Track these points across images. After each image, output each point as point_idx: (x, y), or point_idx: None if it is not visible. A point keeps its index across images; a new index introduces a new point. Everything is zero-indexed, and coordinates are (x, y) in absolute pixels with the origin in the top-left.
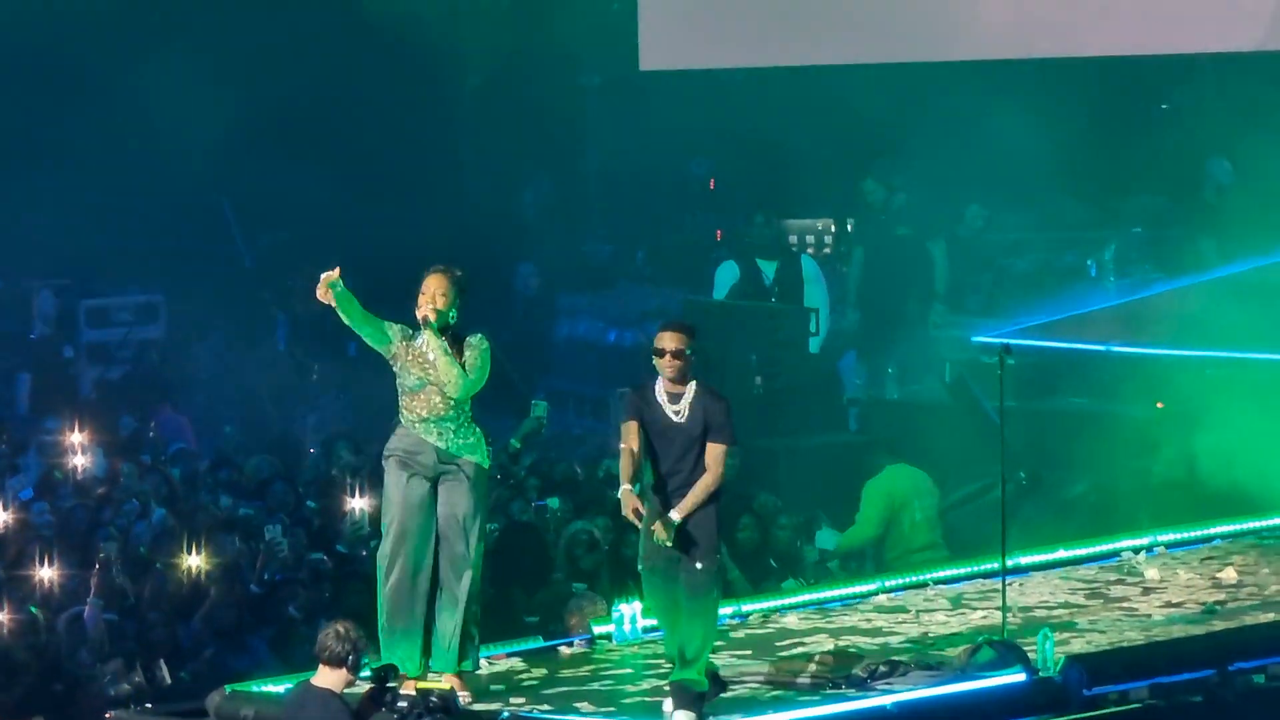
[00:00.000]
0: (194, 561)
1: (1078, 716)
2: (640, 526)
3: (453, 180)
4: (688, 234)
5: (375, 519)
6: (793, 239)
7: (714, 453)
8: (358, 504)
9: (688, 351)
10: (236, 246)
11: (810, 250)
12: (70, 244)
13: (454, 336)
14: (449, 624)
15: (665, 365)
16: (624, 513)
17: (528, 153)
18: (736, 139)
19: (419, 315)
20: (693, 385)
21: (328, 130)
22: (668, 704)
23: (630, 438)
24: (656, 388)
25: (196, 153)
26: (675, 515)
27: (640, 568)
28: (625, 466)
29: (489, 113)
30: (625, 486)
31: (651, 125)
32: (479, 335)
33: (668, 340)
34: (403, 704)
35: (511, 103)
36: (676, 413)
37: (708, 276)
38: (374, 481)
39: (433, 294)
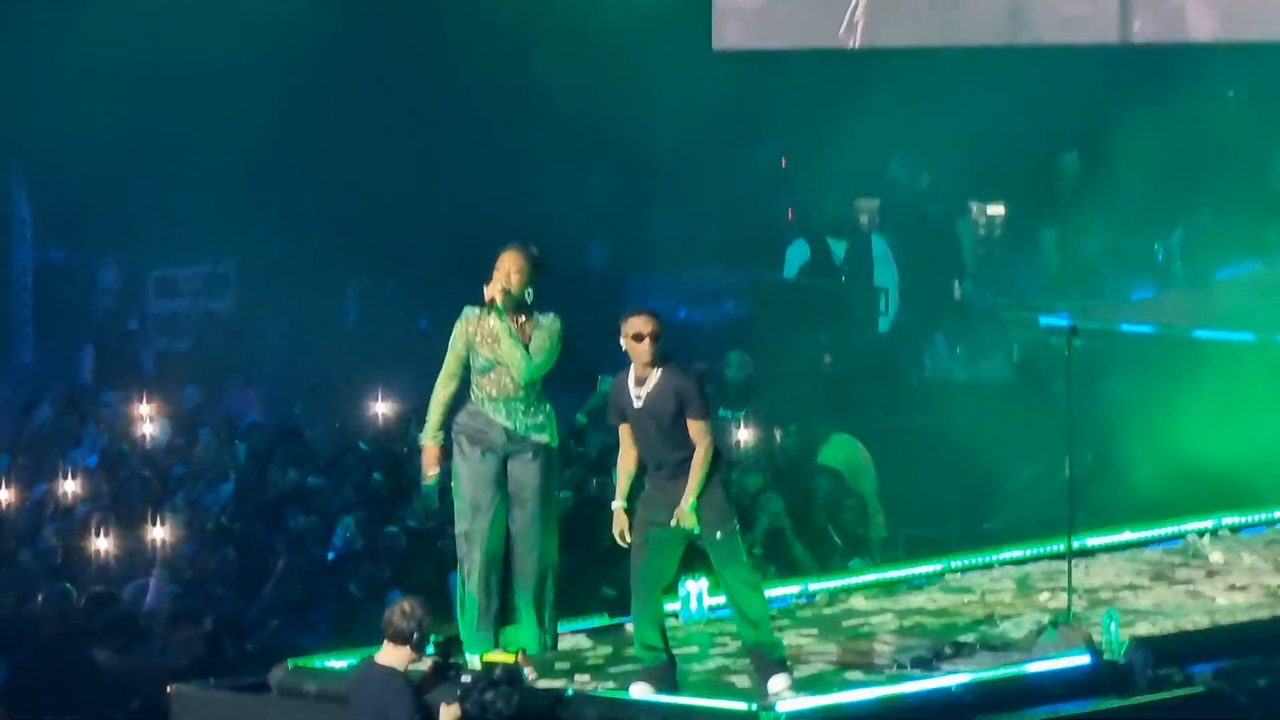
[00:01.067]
0: (260, 535)
1: (1142, 699)
2: (628, 542)
3: (525, 158)
4: (758, 213)
5: (446, 495)
6: (863, 218)
7: (695, 429)
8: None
9: (659, 334)
10: (308, 216)
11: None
12: (139, 213)
13: (528, 315)
14: (523, 602)
15: (642, 350)
16: (614, 531)
17: (600, 131)
18: (808, 119)
19: (487, 294)
20: (660, 369)
21: (399, 104)
22: (776, 683)
23: (624, 442)
24: (628, 376)
25: (269, 120)
26: (687, 504)
27: (637, 538)
28: (620, 475)
29: (561, 91)
30: (617, 504)
31: (723, 104)
32: (552, 315)
33: (641, 324)
34: (466, 678)
35: (583, 80)
36: (639, 397)
37: (778, 256)
38: (446, 457)
39: (506, 272)
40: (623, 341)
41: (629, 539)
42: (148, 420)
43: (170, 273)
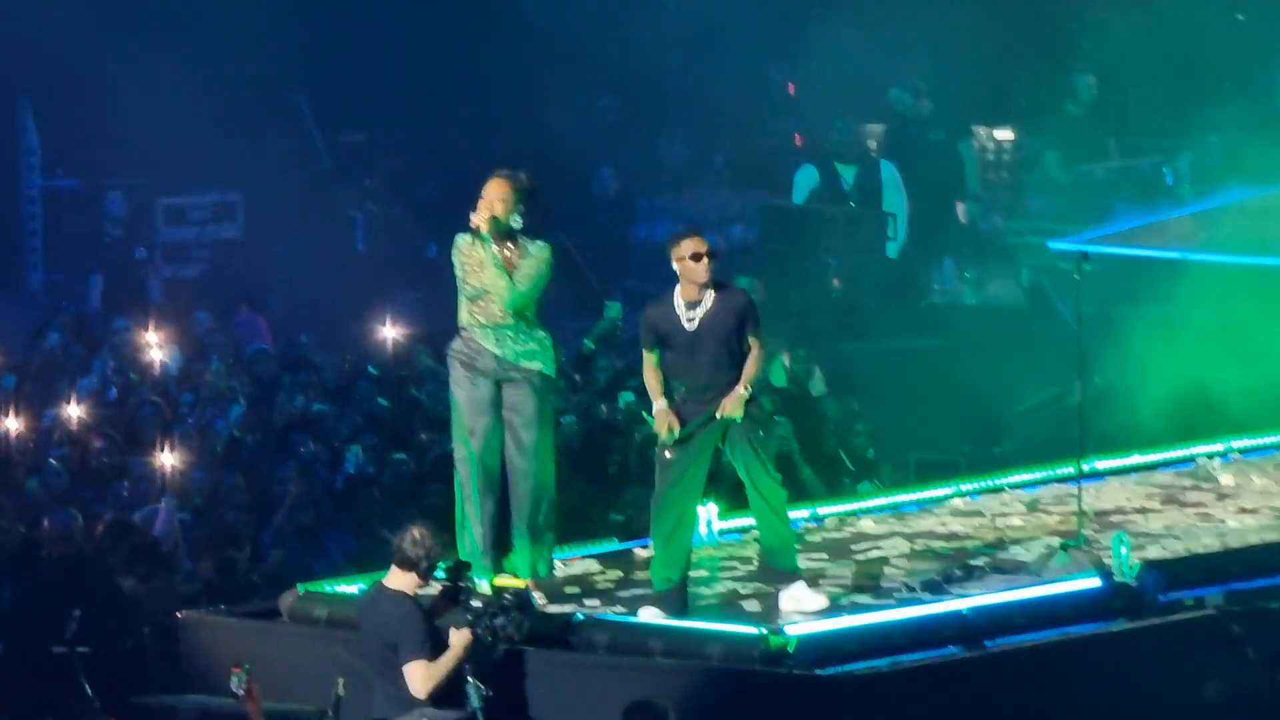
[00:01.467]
0: (269, 461)
1: (1152, 622)
2: (671, 435)
3: (532, 83)
4: (767, 138)
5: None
6: (872, 144)
7: (755, 345)
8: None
9: (715, 252)
10: (315, 146)
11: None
12: (148, 142)
13: (516, 242)
14: (519, 528)
15: (700, 269)
16: (659, 428)
17: (607, 56)
18: (814, 43)
19: (473, 222)
20: (714, 289)
21: (407, 32)
22: (787, 596)
23: (650, 365)
24: (674, 299)
25: (275, 48)
26: (742, 389)
27: (669, 455)
28: (654, 384)
29: (568, 16)
30: (660, 403)
31: (731, 29)
32: (541, 243)
33: (699, 243)
34: (477, 603)
35: (590, 4)
36: (692, 320)
37: (786, 181)
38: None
39: (491, 200)
40: (676, 265)
41: (676, 427)
42: (156, 347)
43: (179, 201)
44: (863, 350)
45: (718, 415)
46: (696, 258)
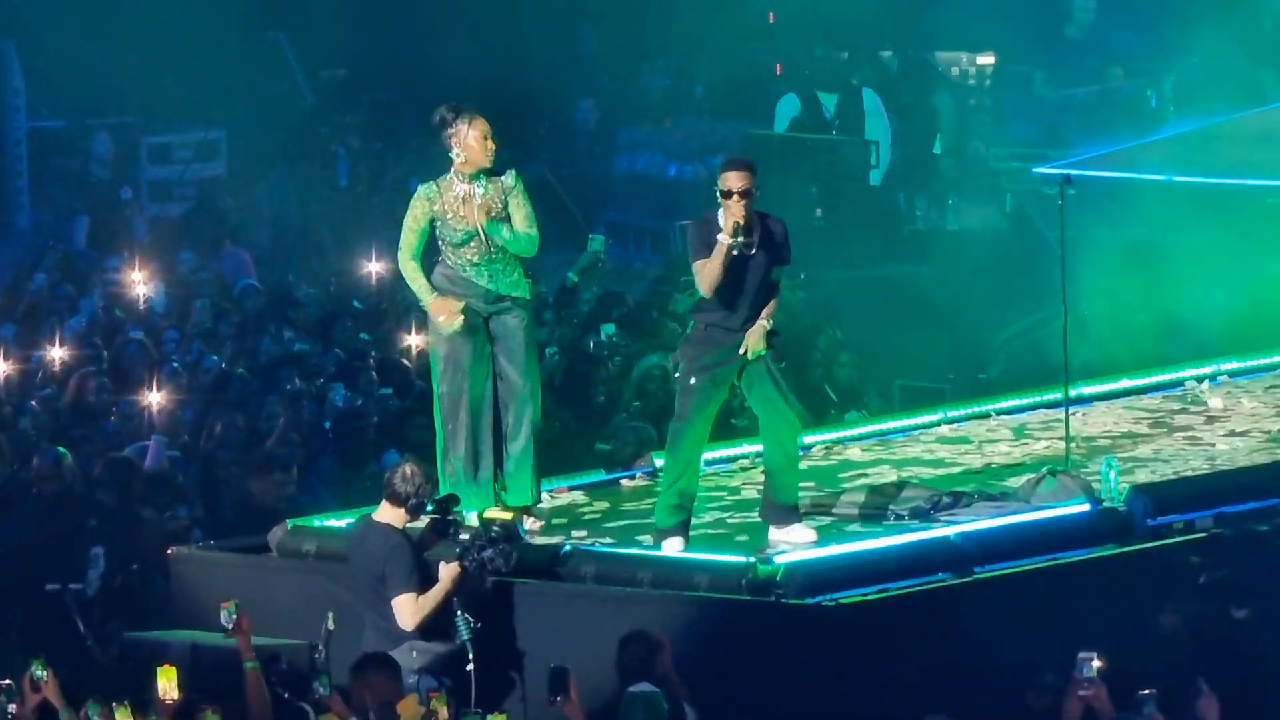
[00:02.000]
0: (256, 397)
1: (1142, 546)
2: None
3: (510, 15)
4: (747, 67)
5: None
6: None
7: (778, 273)
8: (415, 340)
9: (755, 190)
10: (296, 82)
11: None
12: (132, 82)
13: (490, 179)
14: (513, 457)
15: (735, 206)
16: (724, 234)
17: None
18: None
19: (481, 160)
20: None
21: None
22: (780, 532)
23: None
24: (720, 222)
25: None
26: (765, 322)
27: (695, 382)
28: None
29: None
30: (724, 237)
31: None
32: (510, 172)
33: (734, 180)
34: (465, 536)
35: None
36: (751, 244)
37: (768, 110)
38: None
39: (484, 138)
40: (721, 197)
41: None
42: (142, 285)
43: (163, 140)
44: (846, 278)
45: (742, 353)
46: (727, 195)
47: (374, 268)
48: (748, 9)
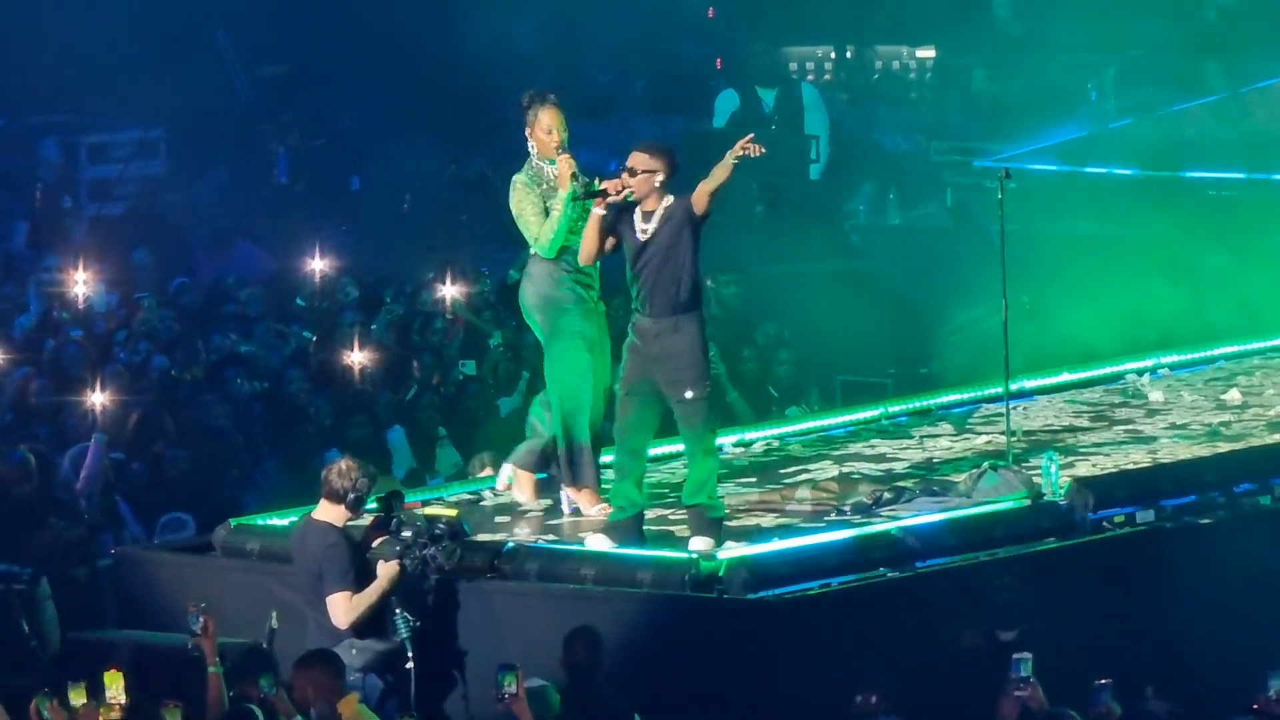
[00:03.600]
0: (199, 396)
1: (1083, 539)
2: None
3: (450, 11)
4: (687, 63)
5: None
6: (792, 66)
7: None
8: (359, 357)
9: (649, 171)
10: (235, 80)
11: (810, 77)
12: (71, 81)
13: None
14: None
15: (629, 183)
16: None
17: None
18: None
19: (562, 160)
20: (667, 200)
21: None
22: (697, 543)
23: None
24: (637, 208)
25: None
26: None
27: (618, 390)
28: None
29: None
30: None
31: None
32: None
33: (629, 159)
34: (407, 533)
35: None
36: (644, 231)
37: (707, 105)
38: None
39: (554, 128)
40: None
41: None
42: (83, 285)
43: (103, 139)
44: (787, 273)
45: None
46: (628, 172)
47: (316, 265)
48: (687, 5)
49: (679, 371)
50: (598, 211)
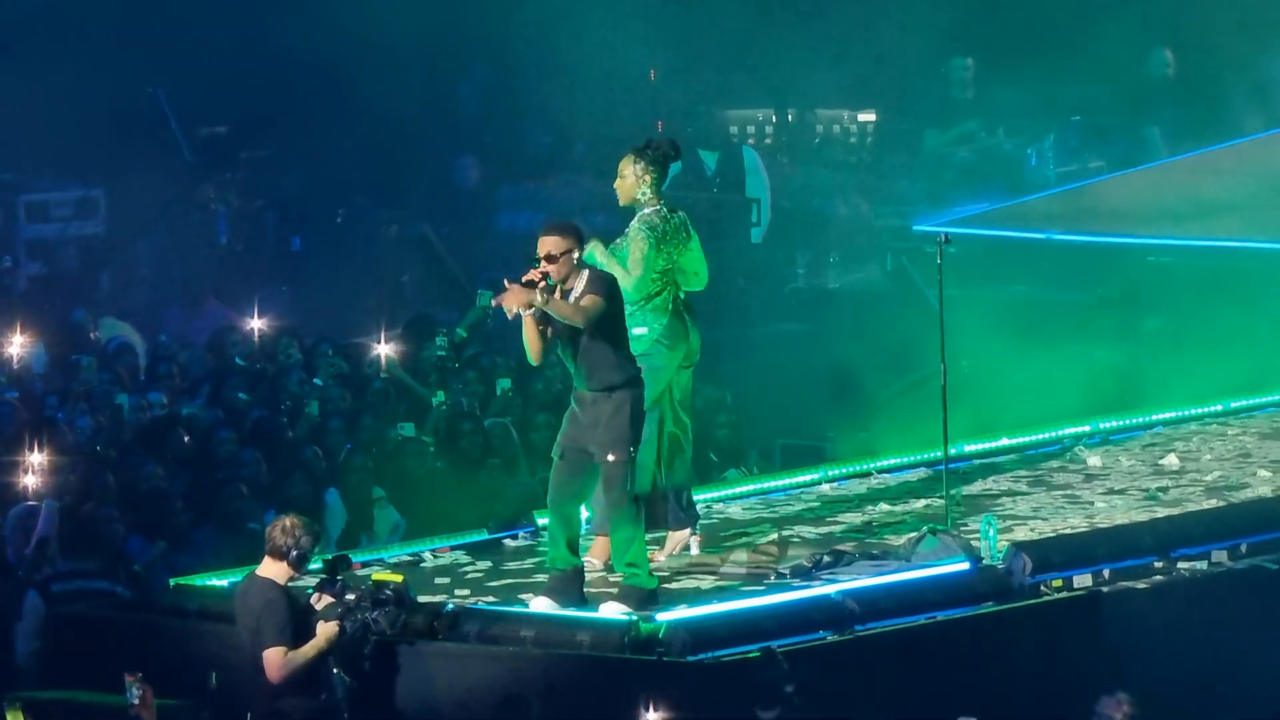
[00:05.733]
0: (136, 458)
1: (1022, 604)
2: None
3: (390, 74)
4: (627, 125)
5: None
6: (733, 129)
7: (586, 299)
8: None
9: (565, 252)
10: (175, 139)
11: (751, 141)
12: (8, 139)
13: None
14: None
15: (550, 270)
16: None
17: (465, 44)
18: (677, 28)
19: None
20: (584, 276)
21: (260, 24)
22: (607, 607)
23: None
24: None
25: (133, 42)
26: (540, 297)
27: (553, 454)
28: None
29: (428, 2)
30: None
31: (589, 15)
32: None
33: (541, 245)
34: (350, 596)
35: None
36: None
37: None
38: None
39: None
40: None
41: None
42: (20, 346)
43: (41, 198)
44: (727, 336)
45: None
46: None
47: (255, 325)
48: (628, 67)
49: (605, 434)
50: (528, 313)
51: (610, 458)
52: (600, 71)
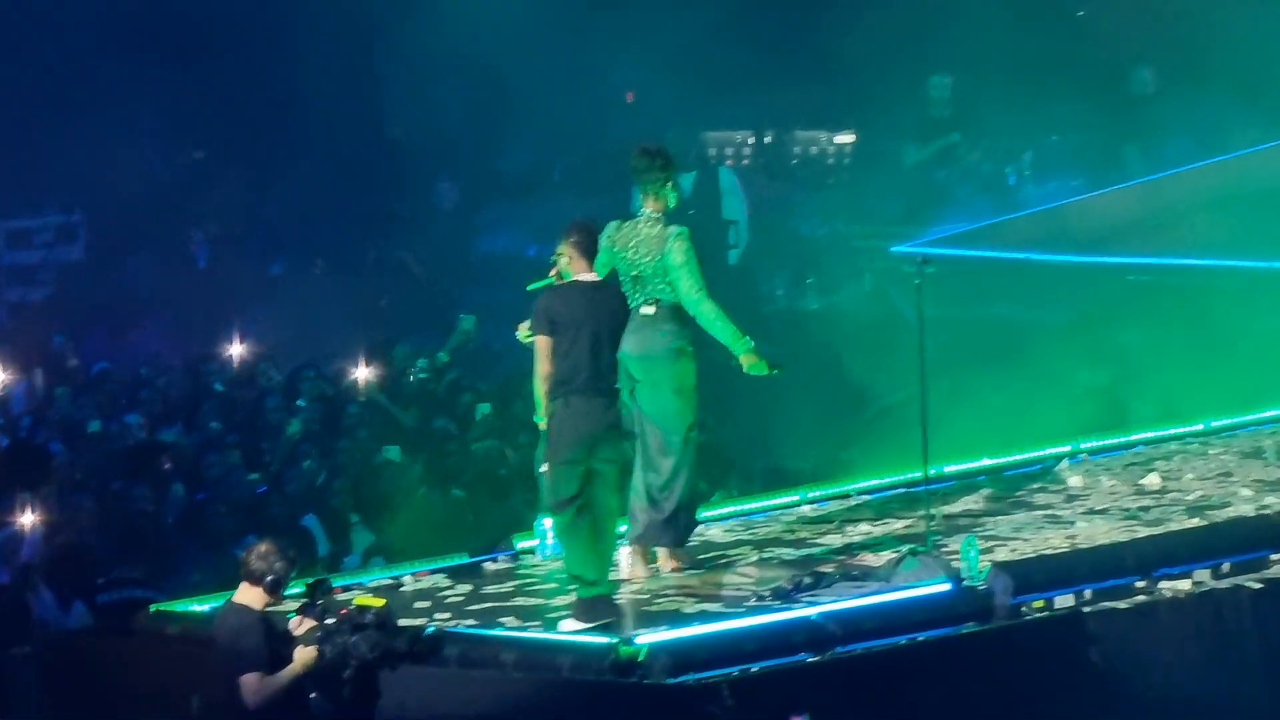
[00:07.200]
0: (117, 485)
1: (1003, 624)
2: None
3: (371, 93)
4: (605, 145)
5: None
6: (711, 151)
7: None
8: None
9: (557, 256)
10: (154, 165)
11: (729, 162)
12: None
13: None
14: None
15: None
16: None
17: (446, 67)
18: (655, 50)
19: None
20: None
21: (241, 46)
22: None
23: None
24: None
25: (112, 68)
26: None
27: (538, 472)
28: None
29: (407, 25)
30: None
31: (569, 36)
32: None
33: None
34: (330, 620)
35: (429, 15)
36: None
37: (626, 188)
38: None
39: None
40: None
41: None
42: (2, 372)
43: (22, 224)
44: (705, 359)
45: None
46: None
47: (235, 350)
48: (606, 89)
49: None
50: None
51: (543, 469)
52: (578, 92)
